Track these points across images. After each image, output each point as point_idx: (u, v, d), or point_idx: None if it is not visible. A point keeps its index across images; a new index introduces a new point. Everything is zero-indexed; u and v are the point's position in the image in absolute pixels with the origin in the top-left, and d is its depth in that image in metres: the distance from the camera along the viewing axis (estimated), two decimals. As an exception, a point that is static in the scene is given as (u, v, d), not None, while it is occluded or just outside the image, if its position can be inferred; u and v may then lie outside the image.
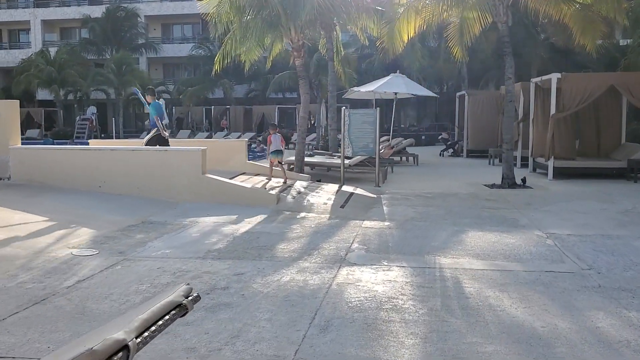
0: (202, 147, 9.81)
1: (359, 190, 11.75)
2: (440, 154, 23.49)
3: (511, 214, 9.27)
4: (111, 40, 42.50)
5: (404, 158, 20.08)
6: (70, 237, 7.17)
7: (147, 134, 11.47)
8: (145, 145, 11.24)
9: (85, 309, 4.65)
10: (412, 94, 19.30)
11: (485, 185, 13.04)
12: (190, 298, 2.38)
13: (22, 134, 37.95)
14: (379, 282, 5.37)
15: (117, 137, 38.09)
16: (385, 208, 9.90)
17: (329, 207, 9.66)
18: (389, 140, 19.81)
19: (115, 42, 42.51)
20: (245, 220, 8.48)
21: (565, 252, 6.63)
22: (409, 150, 20.62)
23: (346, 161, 13.45)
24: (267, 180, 11.73)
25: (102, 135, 40.30)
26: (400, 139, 20.60)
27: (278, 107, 37.76)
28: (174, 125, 41.23)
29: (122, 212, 8.89)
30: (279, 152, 12.00)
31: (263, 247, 6.77)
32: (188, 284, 2.48)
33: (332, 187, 11.78)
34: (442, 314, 4.55)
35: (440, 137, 24.42)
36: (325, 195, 10.81)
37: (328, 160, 14.42)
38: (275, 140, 12.00)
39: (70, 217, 8.30)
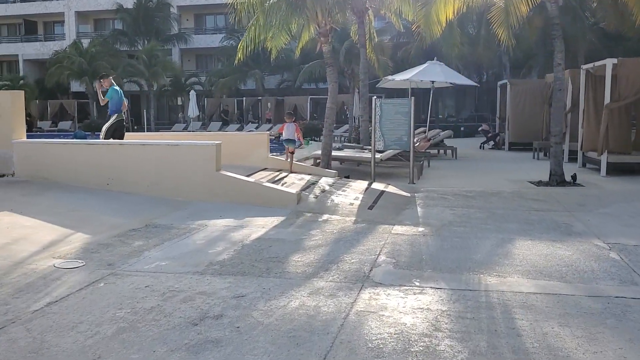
0: (217, 142, 8.91)
1: (390, 188, 10.71)
2: (480, 147, 22.22)
3: (563, 218, 8.12)
4: (143, 31, 42.12)
5: (441, 151, 18.91)
6: (59, 245, 6.35)
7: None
8: (105, 134, 11.01)
9: (43, 344, 3.78)
10: (451, 83, 18.10)
11: (530, 182, 11.84)
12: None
13: (55, 125, 38.25)
14: (408, 310, 4.36)
15: (149, 130, 37.78)
16: (419, 209, 8.85)
17: (355, 209, 8.66)
18: (425, 132, 18.68)
19: (147, 33, 42.12)
20: (260, 223, 7.56)
21: (636, 269, 5.50)
22: (447, 142, 19.43)
23: (377, 155, 12.42)
24: (288, 176, 10.79)
25: (135, 127, 40.04)
26: (438, 130, 19.43)
27: (310, 98, 36.82)
28: (206, 117, 40.74)
29: (127, 213, 8.06)
30: (291, 141, 12.08)
31: (274, 258, 5.82)
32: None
33: (361, 185, 10.78)
34: (488, 361, 3.52)
35: (480, 128, 23.13)
36: (352, 193, 9.81)
37: (357, 155, 13.39)
38: (288, 129, 12.08)
39: (67, 219, 7.50)
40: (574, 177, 11.64)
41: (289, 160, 12.20)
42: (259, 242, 6.54)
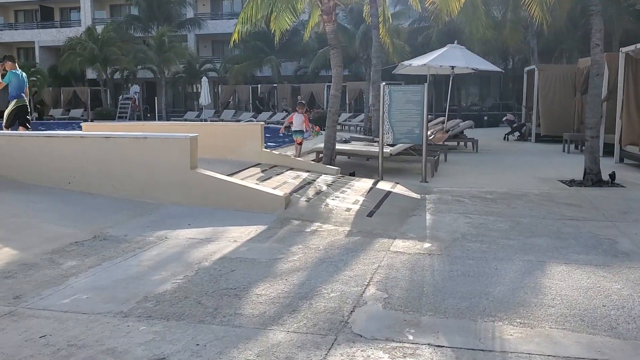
0: (192, 134, 7.59)
1: (398, 188, 9.32)
2: (504, 138, 20.61)
3: (605, 231, 6.65)
4: (157, 16, 40.91)
5: (461, 143, 17.39)
6: (-28, 265, 5.11)
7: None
8: (6, 122, 10.60)
9: None
10: (473, 69, 16.52)
11: (561, 181, 10.34)
12: None
13: (67, 113, 37.36)
14: (390, 390, 3.00)
15: (160, 118, 36.71)
16: (428, 217, 7.44)
17: (352, 215, 7.29)
18: (444, 123, 17.18)
19: (161, 18, 40.89)
20: (233, 235, 6.25)
21: None
22: (468, 133, 17.91)
23: (386, 150, 11.01)
24: (282, 174, 9.44)
25: (148, 115, 39.04)
26: (458, 120, 17.87)
27: (327, 85, 35.30)
28: (219, 105, 39.53)
29: (79, 220, 6.80)
30: (299, 132, 12.38)
31: (231, 291, 4.50)
32: None
33: (365, 184, 9.39)
34: None
35: (504, 118, 21.47)
36: (352, 195, 8.43)
37: (365, 149, 11.93)
38: (297, 120, 12.30)
39: (1, 228, 6.27)
40: (612, 175, 10.11)
41: (296, 151, 12.32)
42: (222, 264, 5.21)
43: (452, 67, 16.28)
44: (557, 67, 22.45)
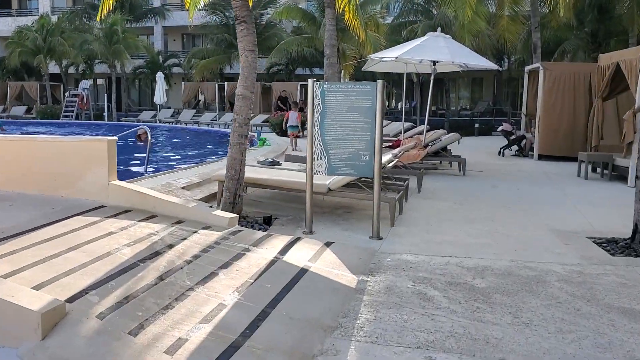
0: None
1: (324, 258, 5.35)
2: (499, 153, 16.72)
3: None
4: (116, 5, 36.81)
5: (444, 162, 13.50)
6: None
7: None
8: None
9: None
10: (461, 64, 12.59)
11: (595, 241, 6.44)
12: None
13: (6, 111, 33.05)
14: None
15: (109, 119, 32.60)
16: (349, 361, 3.49)
17: (177, 364, 3.32)
18: (422, 134, 13.27)
19: (121, 8, 36.81)
20: None
21: None
22: (453, 147, 14.05)
23: (324, 181, 7.09)
24: (124, 231, 5.44)
25: (104, 114, 34.94)
26: (441, 131, 13.94)
27: (301, 85, 31.39)
28: (183, 103, 35.50)
29: None
30: (294, 127, 15.22)
31: None
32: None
33: (267, 252, 5.39)
34: None
35: (500, 128, 17.56)
36: (223, 287, 4.45)
37: (289, 179, 7.73)
38: (292, 117, 15.35)
39: None
40: (678, 235, 6.23)
41: (291, 145, 14.75)
42: None
43: (434, 63, 12.36)
44: (568, 65, 18.66)
